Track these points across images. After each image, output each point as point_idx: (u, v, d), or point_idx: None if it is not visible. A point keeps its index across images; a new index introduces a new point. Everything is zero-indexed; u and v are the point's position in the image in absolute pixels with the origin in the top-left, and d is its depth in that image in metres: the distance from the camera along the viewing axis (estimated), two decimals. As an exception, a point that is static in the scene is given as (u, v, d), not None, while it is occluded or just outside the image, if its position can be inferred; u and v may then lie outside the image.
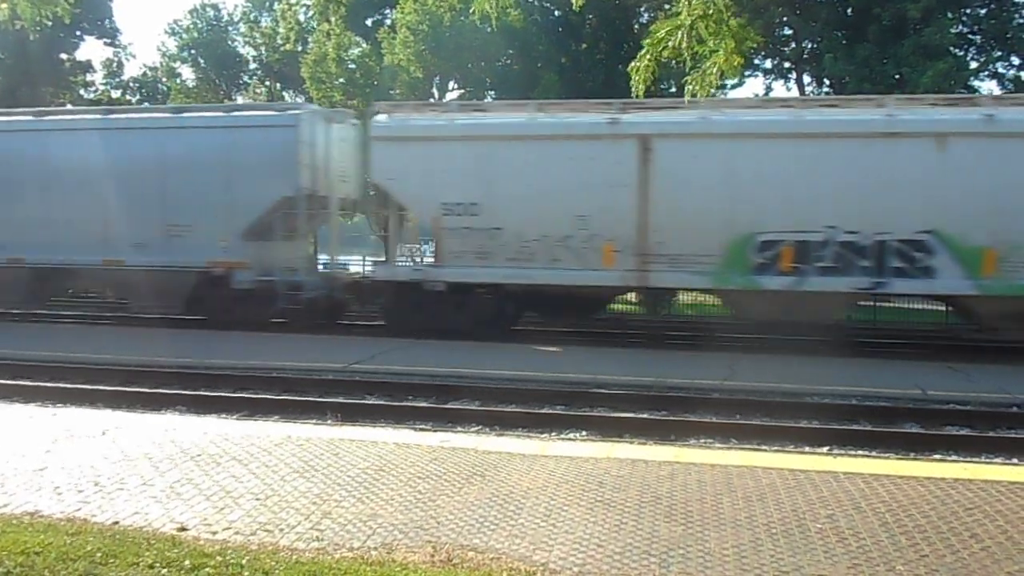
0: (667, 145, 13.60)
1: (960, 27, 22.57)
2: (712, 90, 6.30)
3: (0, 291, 16.86)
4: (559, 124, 14.24)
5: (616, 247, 13.80)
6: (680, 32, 5.94)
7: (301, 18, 40.17)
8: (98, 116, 17.45)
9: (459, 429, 8.46)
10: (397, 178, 14.74)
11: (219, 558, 4.29)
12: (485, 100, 24.49)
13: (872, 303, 17.92)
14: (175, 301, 16.04)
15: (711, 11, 5.83)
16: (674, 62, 6.46)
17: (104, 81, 40.62)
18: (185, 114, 17.24)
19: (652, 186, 13.62)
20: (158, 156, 15.71)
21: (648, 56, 6.17)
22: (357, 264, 23.69)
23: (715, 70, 6.07)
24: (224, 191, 15.34)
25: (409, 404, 9.75)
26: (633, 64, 6.36)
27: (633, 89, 6.42)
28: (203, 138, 15.72)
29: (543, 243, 14.02)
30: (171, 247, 15.62)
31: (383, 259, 17.66)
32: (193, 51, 44.80)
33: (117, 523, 4.88)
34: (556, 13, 26.42)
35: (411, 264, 15.86)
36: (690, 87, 6.36)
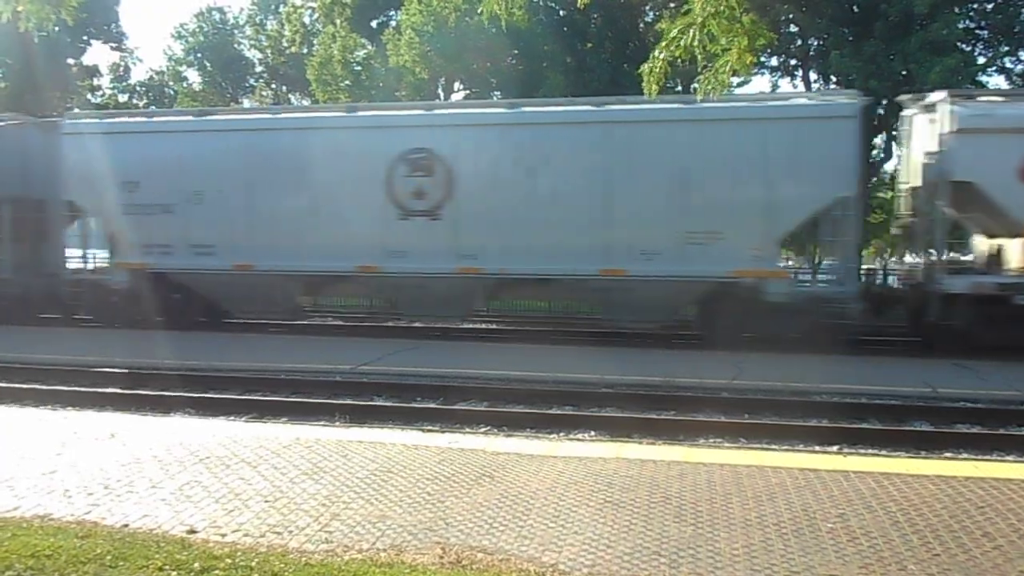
0: None
1: (967, 22, 22.42)
2: (724, 89, 6.24)
3: None
4: None
5: None
6: (692, 30, 5.89)
7: (306, 20, 40.41)
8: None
9: (467, 430, 8.44)
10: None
11: (228, 560, 4.29)
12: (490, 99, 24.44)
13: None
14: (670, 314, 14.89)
15: (723, 7, 5.77)
16: (680, 61, 6.41)
17: (111, 85, 40.93)
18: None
19: None
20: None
21: (661, 57, 6.11)
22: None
23: (727, 68, 6.00)
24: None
25: (417, 405, 9.76)
26: (646, 65, 6.30)
27: (645, 90, 6.37)
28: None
29: None
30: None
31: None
32: (199, 55, 45.14)
33: (126, 526, 4.88)
34: (561, 13, 26.41)
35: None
36: (701, 86, 6.30)
